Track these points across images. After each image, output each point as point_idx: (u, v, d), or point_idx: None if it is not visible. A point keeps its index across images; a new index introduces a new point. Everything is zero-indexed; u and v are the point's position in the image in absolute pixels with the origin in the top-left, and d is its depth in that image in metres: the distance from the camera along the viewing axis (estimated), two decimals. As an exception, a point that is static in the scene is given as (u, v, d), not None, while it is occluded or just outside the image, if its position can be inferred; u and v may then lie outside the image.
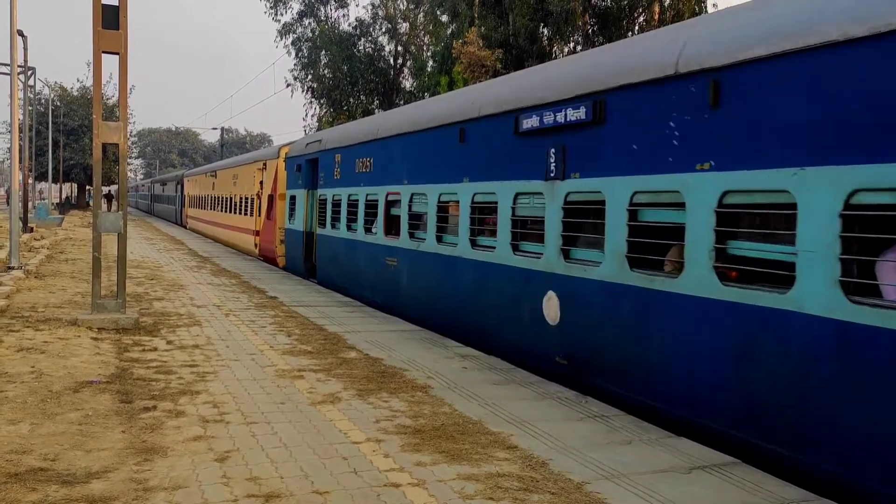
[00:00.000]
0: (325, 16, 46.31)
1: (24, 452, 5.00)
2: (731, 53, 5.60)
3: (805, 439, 5.01)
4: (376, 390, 7.06)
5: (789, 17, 5.32)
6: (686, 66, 6.02)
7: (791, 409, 5.08)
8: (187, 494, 4.41)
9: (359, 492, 4.59)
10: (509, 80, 9.76)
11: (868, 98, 4.63)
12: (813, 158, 4.98)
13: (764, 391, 5.27)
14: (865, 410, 4.57)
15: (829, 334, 4.80)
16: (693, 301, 5.86)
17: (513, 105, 8.55)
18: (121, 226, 10.11)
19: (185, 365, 7.78)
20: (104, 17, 9.83)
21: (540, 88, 8.17)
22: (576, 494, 4.68)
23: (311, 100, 46.37)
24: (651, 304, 6.34)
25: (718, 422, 5.70)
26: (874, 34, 4.55)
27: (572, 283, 7.39)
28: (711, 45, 5.87)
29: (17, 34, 17.37)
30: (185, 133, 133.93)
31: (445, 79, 31.58)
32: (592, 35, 31.58)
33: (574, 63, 8.34)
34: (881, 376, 4.47)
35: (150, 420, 5.83)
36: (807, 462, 5.00)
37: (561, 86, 7.80)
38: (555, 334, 7.71)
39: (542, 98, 8.01)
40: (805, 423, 5.00)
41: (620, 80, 6.84)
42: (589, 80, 7.34)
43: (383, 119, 13.67)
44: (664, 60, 6.28)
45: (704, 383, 5.80)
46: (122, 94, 10.36)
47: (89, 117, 51.32)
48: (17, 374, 7.05)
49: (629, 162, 6.68)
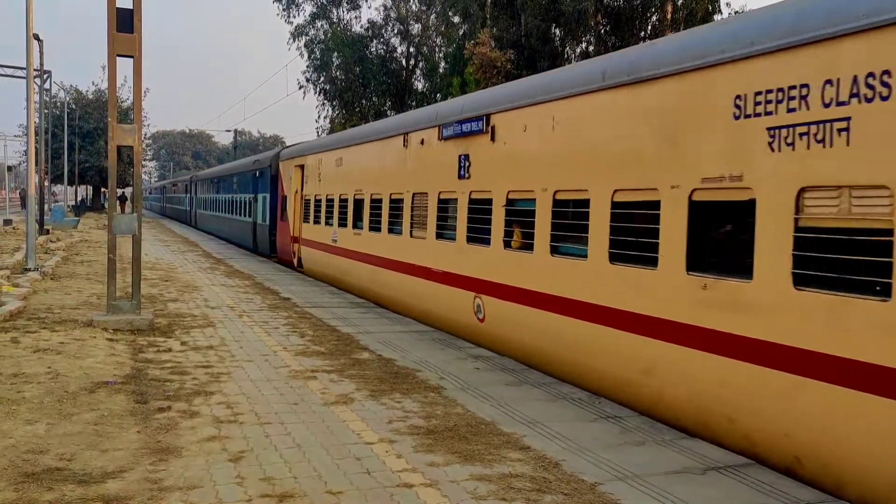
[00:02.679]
0: (337, 18, 46.39)
1: (40, 452, 5.05)
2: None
3: None
4: (389, 391, 7.07)
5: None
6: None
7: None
8: (202, 494, 4.44)
9: (372, 492, 4.60)
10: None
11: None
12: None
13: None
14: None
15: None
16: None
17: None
18: (136, 228, 10.18)
19: (200, 366, 7.82)
20: (119, 20, 9.91)
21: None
22: (589, 495, 4.67)
23: (323, 101, 46.45)
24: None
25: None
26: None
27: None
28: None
29: (34, 38, 17.54)
30: (199, 135, 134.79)
31: (457, 80, 31.55)
32: (605, 35, 31.49)
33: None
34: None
35: (164, 420, 5.87)
36: None
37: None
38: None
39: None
40: None
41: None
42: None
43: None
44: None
45: None
46: (136, 96, 10.44)
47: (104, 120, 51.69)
48: (33, 374, 7.11)
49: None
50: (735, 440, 5.68)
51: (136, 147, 10.28)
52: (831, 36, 5.02)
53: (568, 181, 7.98)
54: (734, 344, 5.64)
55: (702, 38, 6.55)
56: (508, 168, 9.16)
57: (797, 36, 5.28)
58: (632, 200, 7.00)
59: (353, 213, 15.07)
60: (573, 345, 7.73)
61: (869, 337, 4.70)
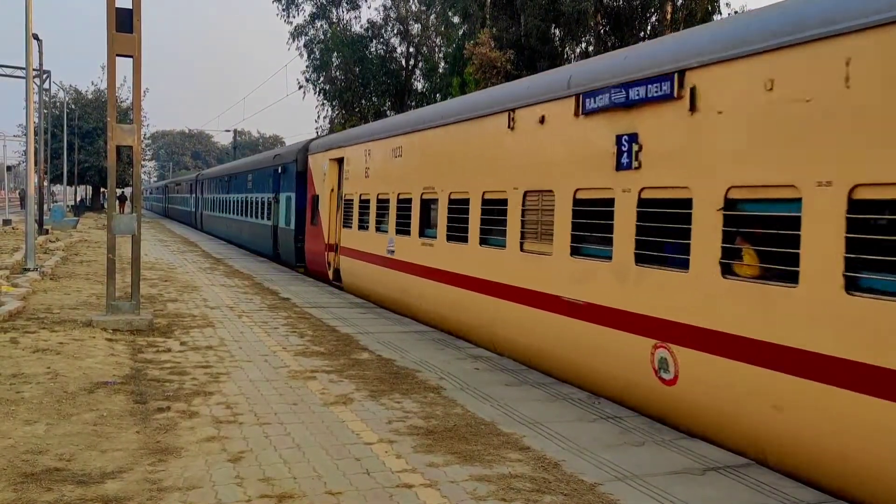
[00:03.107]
0: (336, 18, 46.39)
1: (40, 452, 5.04)
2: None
3: None
4: (388, 391, 7.06)
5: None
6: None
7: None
8: (201, 495, 4.44)
9: (371, 492, 4.60)
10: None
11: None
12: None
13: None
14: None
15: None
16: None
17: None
18: (135, 228, 10.18)
19: (199, 366, 7.81)
20: (118, 20, 9.90)
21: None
22: (588, 496, 4.66)
23: (323, 102, 46.46)
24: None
25: None
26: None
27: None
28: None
29: (33, 38, 17.54)
30: (199, 135, 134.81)
31: (457, 80, 31.54)
32: (605, 35, 31.49)
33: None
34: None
35: (164, 421, 5.86)
36: None
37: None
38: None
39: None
40: None
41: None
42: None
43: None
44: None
45: None
46: (136, 96, 10.44)
47: (103, 120, 51.70)
48: (33, 374, 7.11)
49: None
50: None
51: (136, 147, 10.28)
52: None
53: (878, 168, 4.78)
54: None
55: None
56: (726, 150, 5.95)
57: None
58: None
59: (420, 218, 11.76)
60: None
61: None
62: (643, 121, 6.92)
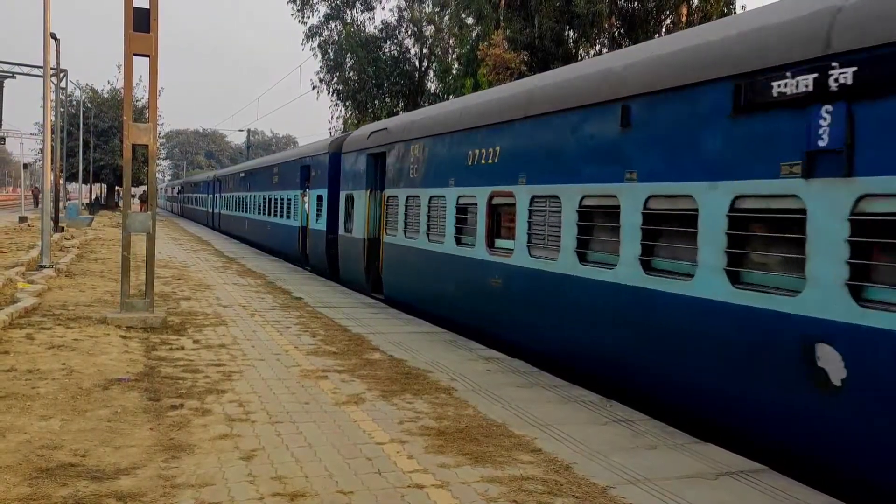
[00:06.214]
0: (351, 19, 46.56)
1: (54, 448, 5.08)
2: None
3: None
4: (400, 392, 7.07)
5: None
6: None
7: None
8: (214, 492, 4.46)
9: (383, 493, 4.60)
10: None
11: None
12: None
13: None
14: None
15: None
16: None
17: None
18: (149, 226, 10.25)
19: (212, 364, 7.85)
20: (135, 19, 9.98)
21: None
22: (600, 499, 4.65)
23: (336, 102, 46.66)
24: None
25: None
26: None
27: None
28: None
29: (51, 37, 17.69)
30: (212, 135, 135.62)
31: (470, 81, 31.54)
32: (619, 37, 31.41)
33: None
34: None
35: (177, 418, 5.90)
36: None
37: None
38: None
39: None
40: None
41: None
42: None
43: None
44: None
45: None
46: (151, 95, 10.51)
47: (119, 119, 52.04)
48: (48, 370, 7.17)
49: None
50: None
51: (151, 146, 10.35)
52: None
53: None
54: None
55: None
56: None
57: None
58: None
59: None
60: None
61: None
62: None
